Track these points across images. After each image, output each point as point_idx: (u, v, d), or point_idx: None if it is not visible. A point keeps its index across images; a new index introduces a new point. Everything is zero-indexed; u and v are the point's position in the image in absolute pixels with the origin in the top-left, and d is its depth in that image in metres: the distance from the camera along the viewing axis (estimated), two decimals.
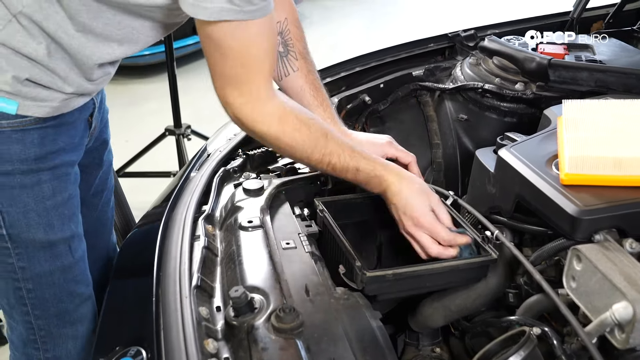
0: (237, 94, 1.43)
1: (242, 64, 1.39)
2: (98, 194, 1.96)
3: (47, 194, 1.59)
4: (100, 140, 1.88)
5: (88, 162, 1.84)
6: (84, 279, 1.74)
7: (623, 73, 1.95)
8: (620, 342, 1.13)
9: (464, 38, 2.51)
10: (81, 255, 1.71)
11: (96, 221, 1.97)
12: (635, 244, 1.26)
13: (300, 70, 1.76)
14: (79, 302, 1.72)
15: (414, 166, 1.74)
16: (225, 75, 1.42)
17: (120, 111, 5.54)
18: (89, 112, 1.70)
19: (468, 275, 1.50)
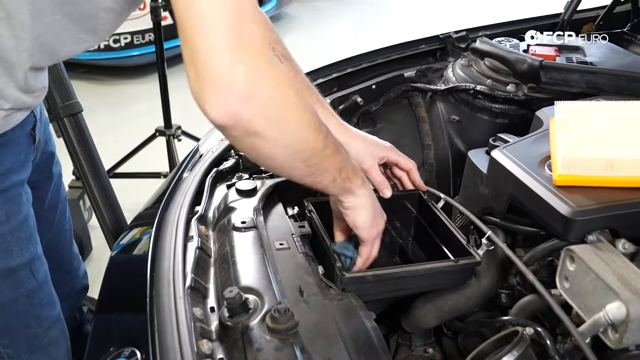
0: (235, 53, 1.01)
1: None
2: (52, 209, 1.89)
3: (1, 220, 1.51)
4: (46, 153, 1.80)
5: (37, 177, 1.76)
6: (49, 300, 1.68)
7: (614, 75, 1.96)
8: (613, 342, 1.13)
9: (455, 39, 2.52)
10: (44, 276, 1.65)
11: (55, 236, 1.92)
12: (628, 245, 1.27)
13: (289, 72, 1.71)
14: (48, 326, 1.67)
15: (415, 173, 1.72)
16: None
17: (110, 112, 5.54)
18: (30, 126, 1.60)
19: (451, 278, 1.50)
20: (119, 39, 6.05)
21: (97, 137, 2.56)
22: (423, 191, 1.72)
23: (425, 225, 1.68)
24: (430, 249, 1.64)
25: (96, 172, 2.30)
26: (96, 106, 5.55)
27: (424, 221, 1.70)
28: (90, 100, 5.45)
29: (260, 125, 1.07)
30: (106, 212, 2.33)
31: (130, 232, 1.78)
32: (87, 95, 5.61)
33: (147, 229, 1.66)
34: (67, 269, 1.98)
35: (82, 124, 2.29)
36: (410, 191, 1.74)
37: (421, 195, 1.72)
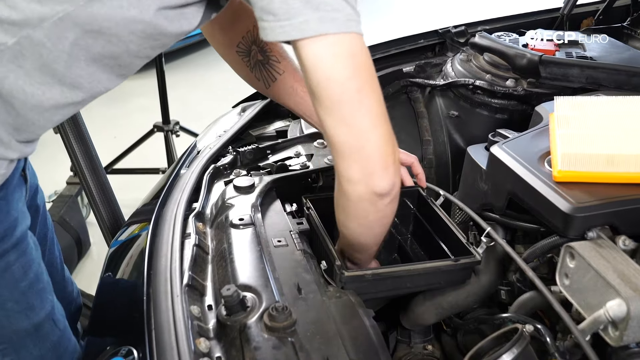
0: (387, 180, 1.22)
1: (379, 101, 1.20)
2: (43, 240, 1.79)
3: (19, 276, 1.44)
4: (33, 188, 1.70)
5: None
6: (71, 344, 1.62)
7: (614, 69, 1.95)
8: (614, 340, 1.13)
9: (454, 34, 2.51)
10: (63, 322, 1.60)
11: (48, 266, 1.77)
12: (629, 241, 1.26)
13: (287, 72, 1.71)
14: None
15: (417, 166, 1.72)
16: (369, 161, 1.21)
17: (108, 108, 5.52)
18: (21, 165, 1.51)
19: (450, 277, 1.49)
20: None
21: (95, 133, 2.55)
22: (423, 187, 1.71)
23: (424, 222, 1.68)
24: (429, 246, 1.63)
25: (93, 168, 2.29)
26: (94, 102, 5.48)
27: (423, 218, 1.69)
28: None
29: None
30: (104, 209, 2.31)
31: (128, 228, 1.77)
32: None
33: (145, 225, 1.65)
34: (62, 295, 1.91)
35: (79, 120, 2.28)
36: (409, 187, 1.73)
37: (420, 192, 1.71)
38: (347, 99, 1.13)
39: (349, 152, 1.18)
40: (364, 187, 1.21)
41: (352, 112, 1.15)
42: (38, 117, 1.32)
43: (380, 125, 1.18)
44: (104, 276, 1.65)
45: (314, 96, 1.16)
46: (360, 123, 1.16)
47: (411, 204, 1.73)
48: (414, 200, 1.73)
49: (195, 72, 6.31)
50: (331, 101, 1.14)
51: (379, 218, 1.30)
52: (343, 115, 1.15)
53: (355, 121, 1.16)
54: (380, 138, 1.18)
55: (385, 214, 1.30)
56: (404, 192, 1.71)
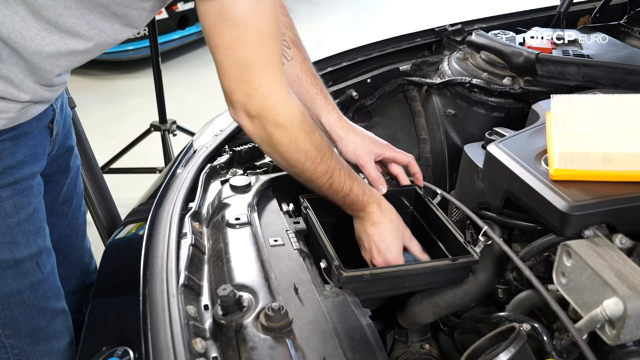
0: (260, 82, 1.30)
1: (261, 44, 1.27)
2: (67, 202, 1.89)
3: (9, 212, 1.50)
4: (65, 147, 1.80)
5: (54, 170, 1.77)
6: (55, 293, 1.66)
7: (611, 67, 1.95)
8: (611, 338, 1.13)
9: (451, 32, 2.50)
10: (50, 269, 1.64)
11: (68, 229, 1.91)
12: (625, 240, 1.26)
13: (295, 59, 1.71)
14: (52, 318, 1.65)
15: (414, 165, 1.74)
16: (244, 62, 1.27)
17: (105, 107, 5.53)
18: (48, 119, 1.60)
19: (448, 276, 1.49)
20: None
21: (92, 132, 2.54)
22: (420, 186, 1.71)
23: (422, 221, 1.67)
24: (427, 245, 1.63)
25: (90, 168, 2.29)
26: (91, 101, 5.54)
27: (420, 217, 1.69)
28: (85, 95, 5.45)
29: (257, 140, 1.40)
30: (100, 209, 2.31)
31: (124, 228, 1.77)
32: (82, 90, 5.60)
33: (141, 225, 1.65)
34: (77, 262, 1.97)
35: (76, 120, 2.27)
36: (406, 187, 1.73)
37: (417, 191, 1.71)
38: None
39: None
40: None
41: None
42: (43, 62, 1.39)
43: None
44: (99, 277, 1.65)
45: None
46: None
47: (408, 203, 1.73)
48: (411, 199, 1.73)
49: (192, 71, 6.30)
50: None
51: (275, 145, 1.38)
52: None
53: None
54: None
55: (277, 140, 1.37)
56: (402, 191, 1.72)
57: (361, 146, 1.69)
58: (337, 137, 1.71)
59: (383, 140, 1.74)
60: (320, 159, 1.42)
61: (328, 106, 1.70)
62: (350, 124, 1.74)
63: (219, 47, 1.27)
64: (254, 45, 1.26)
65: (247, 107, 1.32)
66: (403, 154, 1.73)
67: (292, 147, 1.38)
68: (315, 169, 1.43)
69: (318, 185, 1.47)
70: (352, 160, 1.70)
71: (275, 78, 1.31)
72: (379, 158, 1.70)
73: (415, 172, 1.73)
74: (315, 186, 1.48)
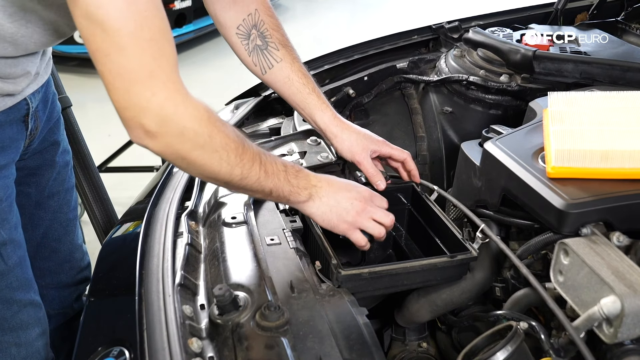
0: (152, 91, 1.15)
1: (142, 49, 1.13)
2: (54, 196, 1.88)
3: None
4: (49, 141, 1.80)
5: (38, 164, 1.77)
6: (21, 284, 1.65)
7: (608, 64, 1.95)
8: (608, 337, 1.12)
9: (448, 30, 2.50)
10: (17, 261, 1.62)
11: (55, 223, 1.91)
12: (623, 237, 1.26)
13: (285, 60, 1.71)
14: (18, 309, 1.64)
15: (409, 162, 1.72)
16: (126, 70, 1.14)
17: (102, 105, 5.46)
18: (21, 113, 1.58)
19: (446, 273, 1.48)
20: None
21: (90, 131, 2.54)
22: (416, 183, 1.71)
23: (419, 218, 1.67)
24: (424, 242, 1.63)
25: (86, 167, 2.28)
26: (88, 99, 5.51)
27: (418, 214, 1.69)
28: (82, 93, 5.42)
29: (165, 157, 1.25)
30: (97, 208, 2.31)
31: (121, 227, 1.76)
32: (79, 88, 5.57)
33: (137, 224, 1.64)
34: (67, 258, 1.97)
35: (72, 119, 2.27)
36: (403, 183, 1.73)
37: (414, 188, 1.70)
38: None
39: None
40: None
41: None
42: None
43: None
44: (95, 276, 1.64)
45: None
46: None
47: (406, 200, 1.73)
48: (409, 197, 1.73)
49: (189, 69, 6.29)
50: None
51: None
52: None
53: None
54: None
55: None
56: (398, 188, 1.71)
57: (356, 143, 1.68)
58: (331, 135, 1.70)
59: (379, 137, 1.73)
60: (242, 148, 1.29)
61: (321, 105, 1.70)
62: (345, 121, 1.73)
63: (95, 55, 1.14)
64: (133, 50, 1.13)
65: (144, 124, 1.17)
66: (399, 150, 1.72)
67: (209, 147, 1.24)
68: (242, 160, 1.30)
69: (241, 186, 1.34)
70: (348, 158, 1.69)
71: (169, 82, 1.18)
72: (375, 154, 1.69)
73: (411, 169, 1.72)
74: (250, 183, 1.33)
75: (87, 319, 1.45)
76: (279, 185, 1.39)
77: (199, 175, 1.39)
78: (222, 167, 1.28)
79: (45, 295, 1.77)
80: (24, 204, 1.72)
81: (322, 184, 1.46)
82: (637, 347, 1.16)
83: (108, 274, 1.61)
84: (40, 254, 1.87)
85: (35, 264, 1.73)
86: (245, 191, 1.39)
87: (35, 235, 1.84)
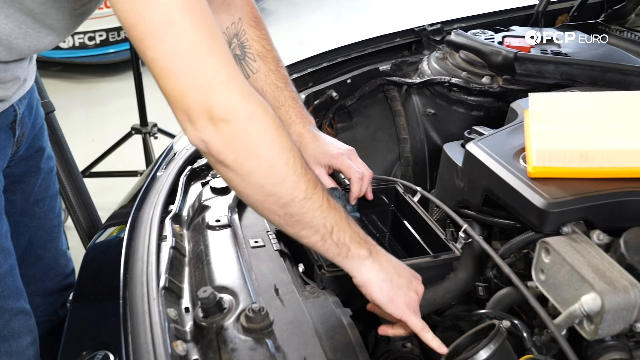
0: (212, 69, 1.06)
1: (194, 22, 1.04)
2: (39, 203, 1.88)
3: None
4: (34, 148, 1.79)
5: (24, 171, 1.77)
6: (13, 293, 1.63)
7: (588, 65, 1.97)
8: (589, 334, 1.14)
9: (430, 32, 2.51)
10: (8, 269, 1.60)
11: (40, 230, 1.90)
12: (603, 236, 1.27)
13: (259, 72, 1.68)
14: (9, 318, 1.63)
15: (354, 183, 1.60)
16: (183, 48, 1.04)
17: (86, 110, 5.50)
18: (9, 119, 1.57)
19: (430, 273, 1.49)
20: (94, 36, 5.99)
21: (74, 136, 2.53)
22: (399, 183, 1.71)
23: (403, 219, 1.68)
24: (408, 242, 1.64)
25: (70, 172, 2.28)
26: (72, 105, 5.51)
27: (401, 215, 1.70)
28: (66, 99, 5.42)
29: (228, 157, 1.09)
30: (80, 212, 2.30)
31: (105, 232, 1.76)
32: (63, 94, 5.57)
33: (121, 228, 1.64)
34: (52, 264, 1.96)
35: (55, 124, 2.27)
36: (387, 185, 1.73)
37: (397, 189, 1.71)
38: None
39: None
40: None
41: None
42: None
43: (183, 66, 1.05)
44: (79, 280, 1.64)
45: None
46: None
47: (389, 201, 1.74)
48: (392, 198, 1.74)
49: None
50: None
51: (226, 181, 1.16)
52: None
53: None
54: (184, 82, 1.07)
55: (224, 178, 1.15)
56: (382, 189, 1.72)
57: (312, 157, 1.63)
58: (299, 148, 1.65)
59: (342, 149, 1.64)
60: (302, 158, 1.17)
61: (288, 120, 1.65)
62: (315, 133, 1.67)
63: (144, 40, 1.04)
64: (186, 25, 1.03)
65: (212, 108, 1.06)
66: (349, 167, 1.60)
67: (277, 143, 1.12)
68: (307, 174, 1.16)
69: (316, 204, 1.17)
70: None
71: (227, 59, 1.08)
72: (328, 169, 1.64)
73: (352, 192, 1.61)
74: (313, 207, 1.17)
75: (71, 324, 1.45)
76: (340, 224, 1.22)
77: (259, 187, 1.13)
78: (288, 175, 1.13)
79: (30, 302, 1.77)
80: (9, 212, 1.71)
81: (377, 247, 1.29)
82: (618, 343, 1.18)
83: (92, 278, 1.61)
84: (25, 261, 1.86)
85: (20, 271, 1.72)
86: (301, 225, 1.18)
87: (20, 243, 1.83)
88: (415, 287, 1.31)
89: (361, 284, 1.25)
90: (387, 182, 1.77)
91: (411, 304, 1.28)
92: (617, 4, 2.55)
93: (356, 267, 1.24)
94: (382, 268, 1.26)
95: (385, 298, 1.25)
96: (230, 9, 1.64)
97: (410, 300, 1.28)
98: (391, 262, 1.29)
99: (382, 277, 1.25)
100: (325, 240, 1.20)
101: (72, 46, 5.95)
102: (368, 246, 1.25)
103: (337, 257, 1.23)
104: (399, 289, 1.27)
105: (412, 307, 1.28)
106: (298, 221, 1.18)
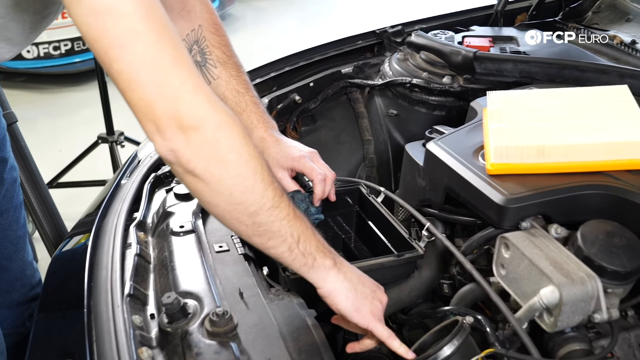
0: (179, 78, 1.06)
1: (158, 34, 1.05)
2: (3, 214, 1.88)
3: None
4: None
5: None
6: None
7: (546, 63, 1.99)
8: (549, 326, 1.16)
9: (391, 34, 2.53)
10: None
11: (5, 241, 1.90)
12: (560, 229, 1.30)
13: (220, 78, 1.67)
14: None
15: (317, 185, 1.60)
16: (148, 58, 1.05)
17: (52, 120, 5.45)
18: None
19: (394, 272, 1.51)
20: (59, 46, 5.94)
21: (40, 146, 2.51)
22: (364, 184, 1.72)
23: (367, 220, 1.69)
24: (373, 242, 1.65)
25: (34, 183, 2.27)
26: (38, 115, 5.46)
27: (366, 216, 1.71)
28: (31, 109, 5.37)
29: (197, 165, 1.09)
30: (46, 223, 2.29)
31: (70, 241, 1.75)
32: (28, 104, 5.52)
33: (87, 236, 1.63)
34: (18, 275, 1.96)
35: (18, 134, 2.25)
36: (350, 186, 1.75)
37: (361, 190, 1.73)
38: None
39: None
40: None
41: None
42: None
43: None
44: (44, 290, 1.63)
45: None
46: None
47: (353, 202, 1.75)
48: (356, 199, 1.75)
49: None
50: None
51: (193, 193, 1.17)
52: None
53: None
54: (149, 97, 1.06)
55: (191, 189, 1.15)
56: (346, 190, 1.73)
57: (274, 160, 1.62)
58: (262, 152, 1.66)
59: (303, 151, 1.64)
60: (267, 168, 1.17)
61: (250, 125, 1.64)
62: (277, 137, 1.66)
63: (109, 53, 1.03)
64: (151, 36, 1.04)
65: (180, 116, 1.06)
66: (311, 169, 1.61)
67: (245, 151, 1.13)
68: (273, 183, 1.17)
69: (283, 213, 1.18)
70: None
71: (192, 71, 1.09)
72: (291, 172, 1.64)
73: (315, 194, 1.61)
74: (281, 216, 1.18)
75: (36, 335, 1.44)
76: (306, 233, 1.23)
77: (228, 195, 1.13)
78: (257, 182, 1.14)
79: None
80: None
81: (340, 257, 1.30)
82: (578, 335, 1.20)
83: (57, 288, 1.60)
84: None
85: None
86: (268, 235, 1.19)
87: None
88: (379, 296, 1.32)
89: (326, 294, 1.26)
90: (351, 183, 1.78)
91: (376, 312, 1.29)
92: (574, 2, 2.58)
93: (322, 277, 1.25)
94: (347, 278, 1.27)
95: (350, 308, 1.26)
96: (190, 15, 1.64)
97: (375, 309, 1.29)
98: (354, 272, 1.31)
99: (347, 287, 1.26)
100: (292, 250, 1.21)
101: (37, 56, 5.90)
102: (332, 256, 1.27)
103: (303, 268, 1.23)
104: (363, 299, 1.28)
105: (378, 316, 1.29)
106: (266, 230, 1.18)
